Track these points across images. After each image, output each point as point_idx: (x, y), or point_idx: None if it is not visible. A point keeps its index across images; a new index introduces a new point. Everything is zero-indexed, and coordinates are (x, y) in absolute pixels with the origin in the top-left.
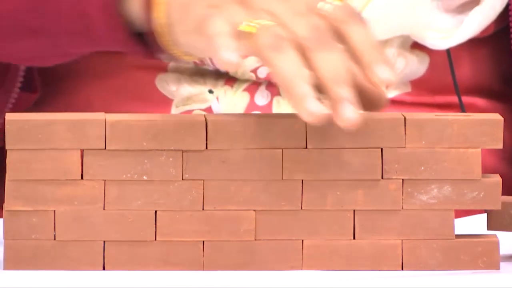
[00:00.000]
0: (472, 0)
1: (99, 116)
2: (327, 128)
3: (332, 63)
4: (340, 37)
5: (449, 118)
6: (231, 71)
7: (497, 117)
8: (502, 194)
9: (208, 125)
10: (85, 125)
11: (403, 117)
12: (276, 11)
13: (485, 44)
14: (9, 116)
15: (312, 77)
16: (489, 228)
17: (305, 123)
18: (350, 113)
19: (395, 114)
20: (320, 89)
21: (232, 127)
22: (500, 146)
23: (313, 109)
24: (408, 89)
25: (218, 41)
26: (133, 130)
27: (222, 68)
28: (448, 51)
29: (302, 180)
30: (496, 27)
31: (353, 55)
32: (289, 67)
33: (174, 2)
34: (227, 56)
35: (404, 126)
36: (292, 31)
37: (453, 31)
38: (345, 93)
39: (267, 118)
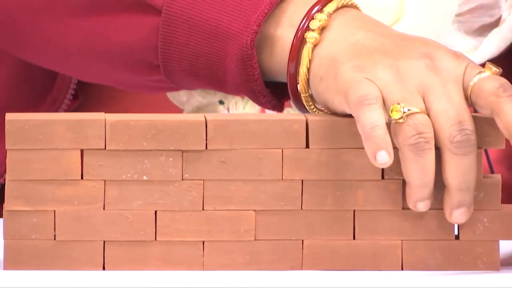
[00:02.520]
0: (492, 22)
1: (99, 116)
2: (327, 128)
3: (466, 170)
4: (492, 112)
5: None
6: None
7: None
8: (505, 202)
9: (208, 125)
10: (85, 125)
11: None
12: (426, 83)
13: (499, 63)
14: (9, 116)
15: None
16: (461, 237)
17: (305, 123)
18: (462, 219)
19: None
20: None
21: (232, 127)
22: (503, 146)
23: (421, 210)
24: None
25: (374, 136)
26: (133, 130)
27: (375, 164)
28: None
29: (302, 180)
30: None
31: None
32: (420, 173)
33: (319, 58)
34: (383, 158)
35: None
36: (438, 123)
37: (472, 52)
38: (466, 201)
39: (267, 118)
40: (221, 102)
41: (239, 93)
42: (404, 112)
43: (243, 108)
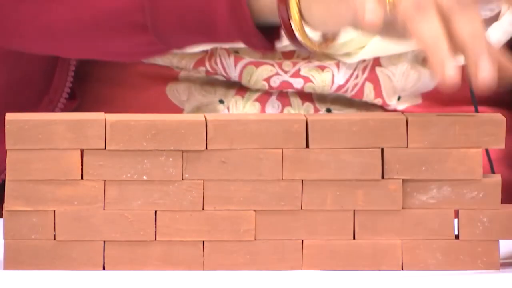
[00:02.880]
0: (492, 17)
1: (99, 116)
2: (327, 128)
3: (473, 25)
4: None
5: (451, 118)
6: (373, 34)
7: (499, 117)
8: (505, 202)
9: (208, 125)
10: (85, 125)
11: (405, 118)
12: None
13: None
14: (9, 116)
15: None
16: (461, 237)
17: (305, 123)
18: (488, 70)
19: (397, 114)
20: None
21: (232, 127)
22: (503, 146)
23: (451, 73)
24: (419, 101)
25: (361, 5)
26: (133, 130)
27: (367, 30)
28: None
29: (302, 180)
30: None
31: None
32: (430, 32)
33: None
34: (371, 17)
35: (406, 126)
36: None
37: None
38: (484, 47)
39: (267, 118)
40: (221, 101)
41: (231, 39)
42: None
43: (243, 108)
